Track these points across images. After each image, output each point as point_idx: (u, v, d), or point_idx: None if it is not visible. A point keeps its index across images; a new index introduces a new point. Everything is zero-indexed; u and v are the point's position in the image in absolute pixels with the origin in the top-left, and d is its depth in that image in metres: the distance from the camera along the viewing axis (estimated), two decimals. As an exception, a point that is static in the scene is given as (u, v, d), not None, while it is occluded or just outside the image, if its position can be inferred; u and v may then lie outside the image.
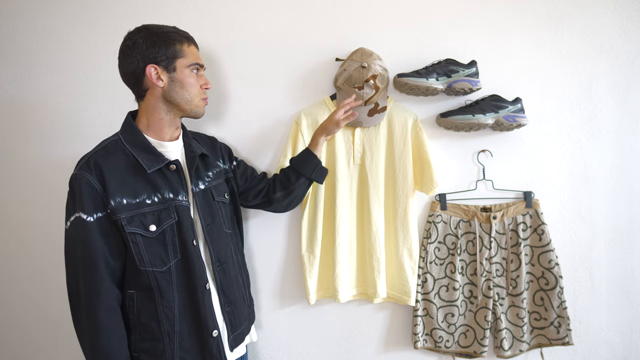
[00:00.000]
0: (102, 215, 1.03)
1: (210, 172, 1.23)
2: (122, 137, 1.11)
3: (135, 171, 1.07)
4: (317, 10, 1.45)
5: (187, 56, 1.11)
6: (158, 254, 1.07)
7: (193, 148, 1.19)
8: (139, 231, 1.04)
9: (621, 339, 1.47)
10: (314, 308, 1.52)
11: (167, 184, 1.09)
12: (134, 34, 1.09)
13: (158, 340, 1.07)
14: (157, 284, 1.06)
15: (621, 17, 1.40)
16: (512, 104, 1.37)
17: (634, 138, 1.43)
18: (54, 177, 1.54)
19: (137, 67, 1.08)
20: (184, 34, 1.13)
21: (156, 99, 1.11)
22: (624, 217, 1.45)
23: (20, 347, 1.61)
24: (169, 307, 1.07)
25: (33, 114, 1.54)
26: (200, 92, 1.16)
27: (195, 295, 1.10)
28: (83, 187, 1.01)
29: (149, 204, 1.06)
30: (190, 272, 1.09)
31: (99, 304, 1.02)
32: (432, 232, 1.44)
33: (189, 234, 1.10)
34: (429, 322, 1.44)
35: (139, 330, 1.08)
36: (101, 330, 1.01)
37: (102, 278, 1.03)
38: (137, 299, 1.07)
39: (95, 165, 1.03)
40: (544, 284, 1.41)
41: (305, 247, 1.44)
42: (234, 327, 1.19)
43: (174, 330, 1.08)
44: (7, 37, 1.53)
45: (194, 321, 1.11)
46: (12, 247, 1.58)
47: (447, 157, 1.46)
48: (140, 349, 1.08)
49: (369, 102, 1.37)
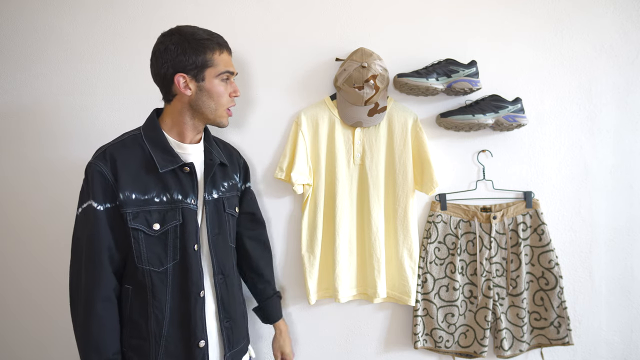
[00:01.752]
0: (111, 206, 1.03)
1: (226, 183, 1.22)
2: (143, 133, 1.11)
3: (149, 168, 1.07)
4: (317, 10, 1.45)
5: (217, 65, 1.09)
6: (157, 253, 1.06)
7: (213, 155, 1.18)
8: (141, 228, 1.04)
9: (621, 339, 1.47)
10: (314, 308, 1.52)
11: (178, 186, 1.09)
12: (167, 37, 1.08)
13: (144, 340, 1.07)
14: (152, 283, 1.06)
15: (621, 17, 1.40)
16: (512, 104, 1.37)
17: (634, 138, 1.43)
18: (53, 177, 1.54)
19: (167, 73, 1.07)
20: (217, 39, 1.10)
21: (183, 105, 1.11)
22: (624, 217, 1.45)
23: (18, 346, 1.61)
24: (159, 308, 1.07)
25: (32, 114, 1.54)
26: (228, 100, 1.14)
27: (188, 301, 1.09)
28: (95, 175, 1.03)
29: (157, 202, 1.06)
30: (186, 277, 1.08)
31: (97, 293, 1.02)
32: (432, 232, 1.44)
33: (191, 238, 1.09)
34: (429, 322, 1.44)
35: (129, 326, 1.08)
36: (95, 319, 1.02)
37: (104, 267, 1.03)
38: (132, 295, 1.07)
39: (110, 157, 1.05)
40: (544, 284, 1.41)
41: (306, 247, 1.44)
42: (232, 344, 1.17)
43: (161, 333, 1.07)
44: (7, 37, 1.53)
45: (182, 327, 1.09)
46: (10, 246, 1.58)
47: (447, 157, 1.46)
48: (128, 345, 1.08)
49: (369, 102, 1.37)
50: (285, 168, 1.41)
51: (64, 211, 1.54)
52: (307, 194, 1.43)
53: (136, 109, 1.51)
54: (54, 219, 1.54)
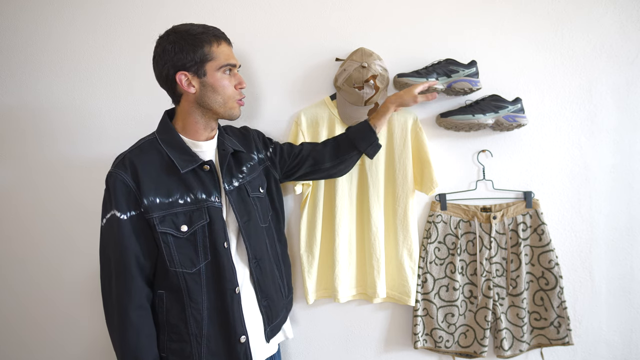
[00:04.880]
0: (135, 213, 1.03)
1: (245, 167, 1.21)
2: (158, 137, 1.11)
3: (169, 171, 1.07)
4: (317, 10, 1.45)
5: (216, 58, 1.07)
6: (188, 255, 1.06)
7: (225, 146, 1.17)
8: (170, 231, 1.04)
9: (621, 339, 1.47)
10: (314, 308, 1.52)
11: (200, 185, 1.09)
12: (163, 39, 1.07)
13: (185, 342, 1.07)
14: (186, 285, 1.06)
15: (621, 17, 1.40)
16: (512, 104, 1.37)
17: (634, 138, 1.43)
18: (54, 177, 1.54)
19: (169, 74, 1.07)
20: (213, 32, 1.08)
21: (190, 104, 1.10)
22: (624, 217, 1.45)
23: (34, 344, 1.61)
24: (197, 309, 1.07)
25: (32, 114, 1.54)
26: (235, 92, 1.12)
27: (224, 299, 1.09)
28: (117, 185, 1.02)
29: (182, 204, 1.06)
30: (220, 275, 1.08)
31: (129, 302, 1.02)
32: (432, 232, 1.44)
33: (220, 236, 1.09)
34: (429, 322, 1.44)
35: (167, 330, 1.08)
36: (131, 328, 1.02)
37: (133, 277, 1.03)
38: (167, 300, 1.08)
39: (130, 164, 1.04)
40: (544, 284, 1.41)
41: (304, 247, 1.44)
42: (271, 320, 1.19)
43: (202, 333, 1.07)
44: (7, 37, 1.53)
45: (222, 325, 1.09)
46: (9, 247, 1.58)
47: (447, 157, 1.46)
48: (168, 349, 1.08)
49: (369, 102, 1.37)
50: (285, 168, 1.41)
51: (64, 211, 1.54)
52: (306, 193, 1.43)
53: (136, 109, 1.51)
54: (55, 219, 1.54)
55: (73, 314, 1.56)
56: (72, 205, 1.53)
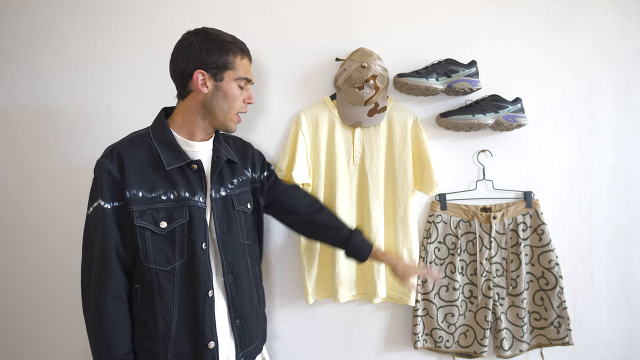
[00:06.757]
0: (118, 205, 1.04)
1: (235, 180, 1.20)
2: (151, 132, 1.11)
3: (156, 166, 1.07)
4: (317, 10, 1.46)
5: (237, 69, 1.11)
6: (164, 252, 1.06)
7: (220, 153, 1.17)
8: (148, 226, 1.04)
9: (621, 339, 1.47)
10: (314, 308, 1.52)
11: (185, 183, 1.08)
12: (192, 35, 1.09)
13: (154, 340, 1.06)
14: (158, 282, 1.05)
15: (621, 17, 1.40)
16: (512, 104, 1.37)
17: (634, 138, 1.43)
18: (54, 177, 1.54)
19: (187, 69, 1.07)
20: (240, 45, 1.12)
21: (196, 103, 1.11)
22: (624, 217, 1.45)
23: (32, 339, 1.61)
24: (167, 308, 1.06)
25: (32, 114, 1.54)
26: (241, 106, 1.15)
27: (196, 301, 1.07)
28: (103, 174, 1.03)
29: (164, 200, 1.06)
30: (194, 276, 1.07)
31: (106, 292, 1.02)
32: (432, 232, 1.44)
33: (199, 236, 1.08)
34: (429, 322, 1.44)
35: (139, 327, 1.07)
36: (106, 318, 1.02)
37: (112, 266, 1.03)
38: (140, 295, 1.07)
39: (117, 155, 1.05)
40: (544, 284, 1.41)
41: (304, 247, 1.44)
42: (244, 344, 1.15)
43: (169, 334, 1.06)
44: (7, 37, 1.53)
45: (192, 328, 1.07)
46: (10, 247, 1.58)
47: (447, 157, 1.46)
48: (138, 346, 1.07)
49: (368, 102, 1.37)
50: (285, 168, 1.42)
51: (64, 211, 1.54)
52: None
53: (136, 108, 1.51)
54: (55, 218, 1.54)
55: (73, 313, 1.56)
56: (72, 205, 1.53)
